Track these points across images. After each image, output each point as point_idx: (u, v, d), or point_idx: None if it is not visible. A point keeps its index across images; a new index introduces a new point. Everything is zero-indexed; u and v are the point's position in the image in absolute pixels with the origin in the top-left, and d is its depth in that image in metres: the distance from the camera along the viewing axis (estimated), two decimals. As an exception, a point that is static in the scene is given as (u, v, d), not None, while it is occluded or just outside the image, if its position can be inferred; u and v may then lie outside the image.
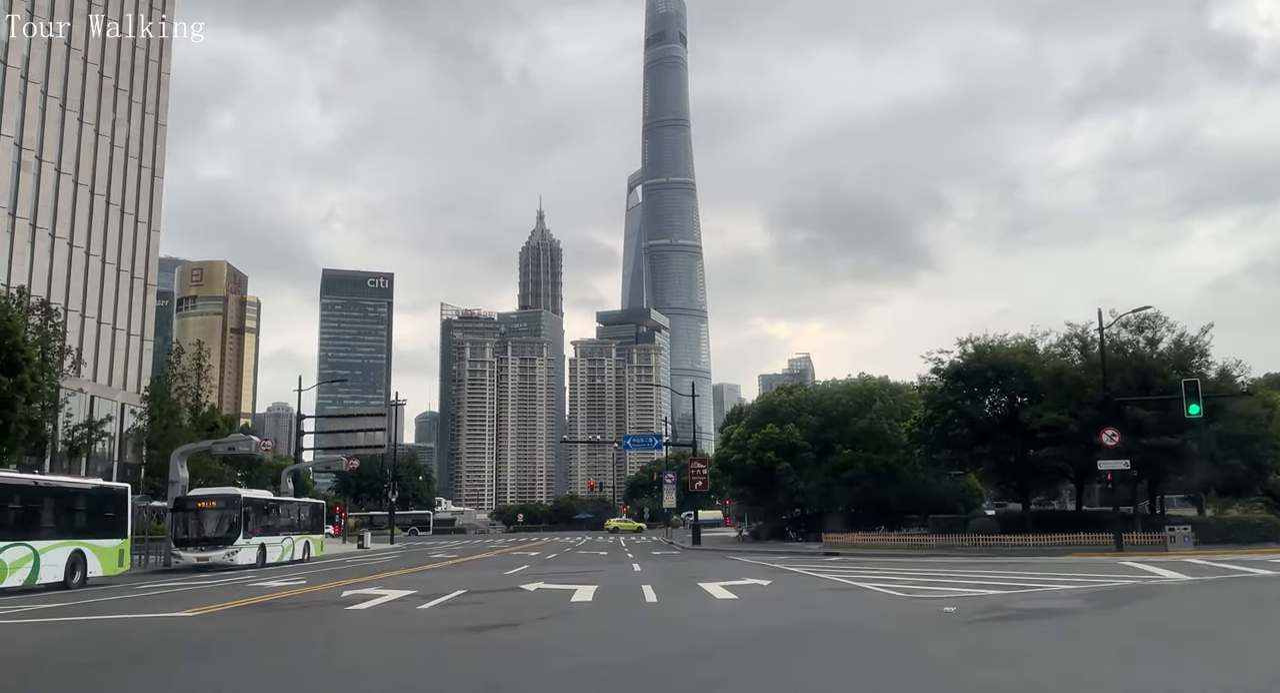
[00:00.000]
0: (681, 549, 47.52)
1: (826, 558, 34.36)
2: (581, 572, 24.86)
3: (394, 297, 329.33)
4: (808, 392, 59.64)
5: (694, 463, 53.35)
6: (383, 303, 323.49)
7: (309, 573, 28.47)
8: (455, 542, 70.66)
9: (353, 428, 49.98)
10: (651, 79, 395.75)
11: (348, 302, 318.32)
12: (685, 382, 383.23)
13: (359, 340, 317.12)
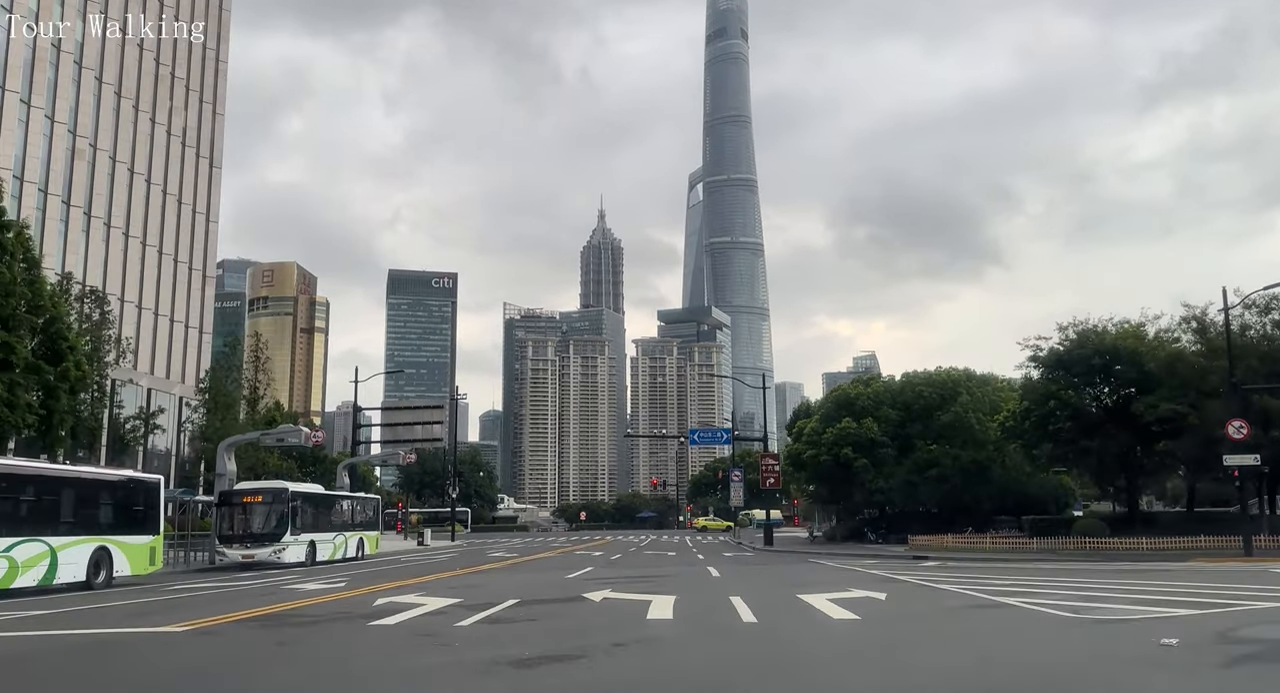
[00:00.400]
0: (754, 551, 44.21)
1: (920, 563, 30.78)
2: (652, 576, 21.80)
3: (458, 296, 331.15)
4: (886, 384, 55.78)
5: (765, 459, 49.97)
6: (447, 302, 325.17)
7: (355, 574, 25.91)
8: (517, 540, 68.28)
9: (410, 421, 47.74)
10: (712, 75, 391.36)
11: (413, 301, 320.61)
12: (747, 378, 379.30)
13: (424, 340, 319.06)
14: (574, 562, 32.07)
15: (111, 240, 52.00)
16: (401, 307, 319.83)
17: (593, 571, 25.09)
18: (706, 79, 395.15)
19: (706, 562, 31.84)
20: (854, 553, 39.32)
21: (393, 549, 48.26)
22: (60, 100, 47.48)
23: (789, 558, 35.54)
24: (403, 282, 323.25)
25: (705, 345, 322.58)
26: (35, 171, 45.68)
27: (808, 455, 53.36)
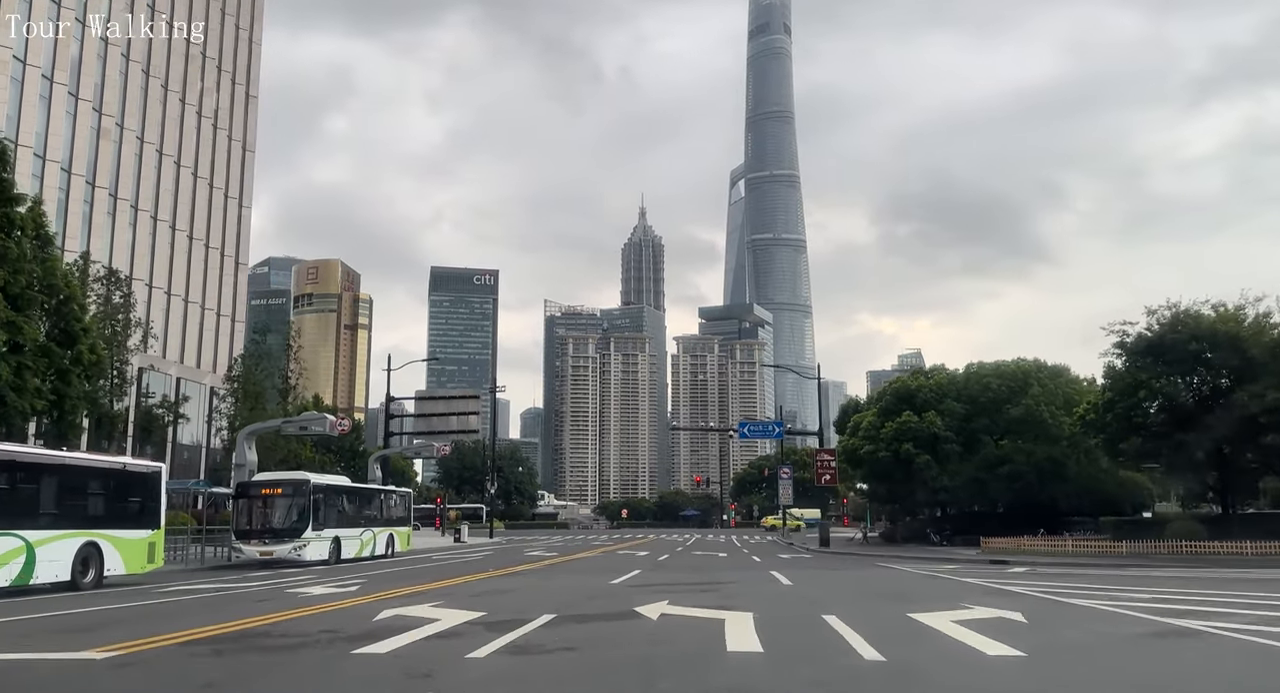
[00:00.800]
0: (811, 553, 40.86)
1: (1006, 569, 27.28)
2: (712, 583, 18.64)
3: (499, 293, 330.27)
4: (950, 376, 52.04)
5: (820, 455, 46.55)
6: (488, 299, 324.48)
7: (377, 575, 23.09)
8: (556, 538, 65.47)
9: (445, 411, 45.02)
10: (755, 71, 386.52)
11: (455, 298, 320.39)
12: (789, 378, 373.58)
13: (466, 336, 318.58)
14: (618, 563, 29.03)
15: (139, 224, 49.97)
16: (443, 303, 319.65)
17: (640, 574, 22.01)
18: (749, 75, 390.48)
19: (765, 565, 28.64)
20: (922, 556, 35.84)
21: (426, 547, 45.61)
22: (85, 76, 45.44)
23: (855, 562, 32.18)
24: (445, 278, 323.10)
25: (747, 343, 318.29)
26: (58, 150, 43.63)
27: (865, 451, 49.87)
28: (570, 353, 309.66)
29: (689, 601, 13.96)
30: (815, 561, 33.01)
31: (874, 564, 29.20)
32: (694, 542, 55.76)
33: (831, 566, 28.30)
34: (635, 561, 30.91)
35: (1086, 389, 49.23)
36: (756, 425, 48.56)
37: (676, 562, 30.37)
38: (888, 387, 53.17)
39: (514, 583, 19.05)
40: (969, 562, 31.84)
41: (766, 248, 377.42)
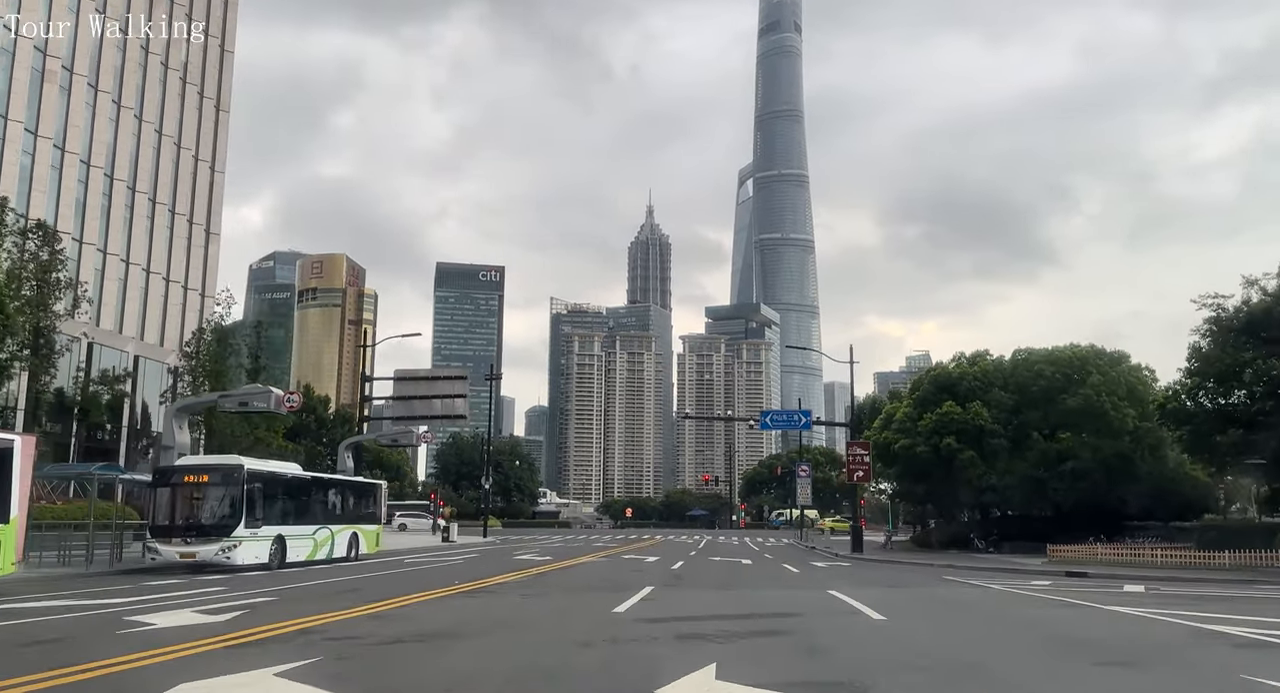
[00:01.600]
0: (850, 560, 34.91)
1: (1114, 585, 21.34)
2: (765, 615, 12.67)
3: (505, 290, 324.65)
4: (995, 363, 45.98)
5: (853, 449, 40.57)
6: (494, 296, 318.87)
7: (289, 592, 17.24)
8: (556, 538, 59.55)
9: (427, 394, 39.16)
10: (764, 70, 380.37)
11: (460, 294, 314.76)
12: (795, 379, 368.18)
13: (471, 332, 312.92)
14: (622, 574, 23.10)
15: (91, 182, 44.14)
16: (449, 299, 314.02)
17: (654, 594, 16.11)
18: (758, 73, 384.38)
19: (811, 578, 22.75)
20: (981, 566, 29.88)
21: (405, 547, 39.77)
22: (24, 11, 39.68)
23: (917, 574, 26.16)
24: (450, 274, 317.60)
25: (753, 343, 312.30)
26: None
27: (900, 446, 43.86)
28: (576, 351, 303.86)
29: (750, 660, 8.07)
30: (864, 571, 27.07)
31: (943, 579, 23.22)
32: (706, 545, 49.86)
33: (898, 581, 22.30)
34: (644, 570, 25.01)
35: (1149, 378, 43.32)
36: (780, 415, 42.57)
37: (696, 572, 24.45)
38: (925, 374, 47.15)
39: (472, 612, 13.13)
40: (1047, 574, 25.90)
41: (774, 248, 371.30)
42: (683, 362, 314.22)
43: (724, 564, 28.86)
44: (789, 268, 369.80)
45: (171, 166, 50.35)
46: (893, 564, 31.69)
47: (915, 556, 38.25)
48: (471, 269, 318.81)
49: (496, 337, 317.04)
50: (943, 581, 22.45)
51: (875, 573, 26.18)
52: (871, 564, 31.71)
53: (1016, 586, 20.63)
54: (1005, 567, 29.24)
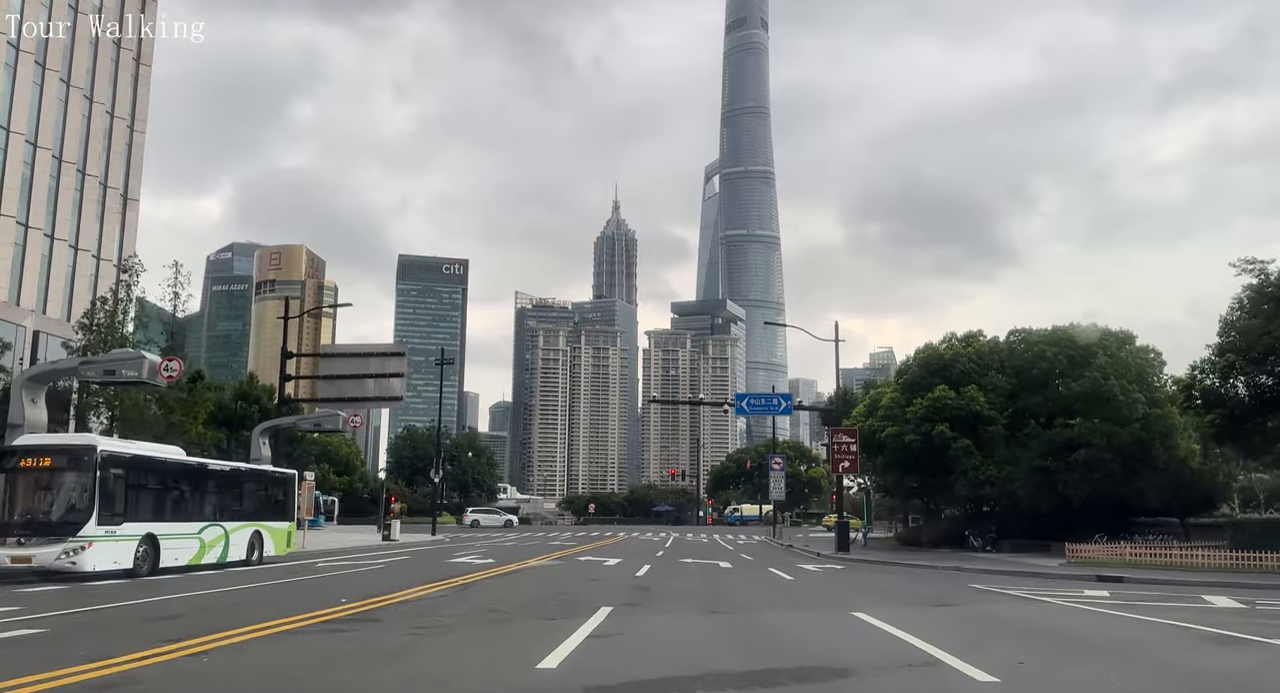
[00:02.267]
0: (839, 560, 30.37)
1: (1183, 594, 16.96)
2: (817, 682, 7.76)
3: (469, 284, 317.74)
4: (991, 344, 41.82)
5: (838, 437, 36.07)
6: (457, 289, 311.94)
7: (93, 618, 12.24)
8: (510, 536, 54.55)
9: (359, 372, 34.01)
10: (731, 65, 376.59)
11: (423, 288, 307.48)
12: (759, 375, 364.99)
13: (434, 326, 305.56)
14: (573, 585, 18.29)
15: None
16: (411, 292, 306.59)
17: (609, 621, 11.29)
18: (725, 69, 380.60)
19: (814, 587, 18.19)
20: (996, 568, 25.49)
21: (337, 547, 34.71)
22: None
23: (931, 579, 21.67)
24: (413, 267, 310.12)
25: (719, 339, 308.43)
26: None
27: (886, 434, 39.52)
28: (541, 345, 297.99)
29: None
30: (870, 577, 22.51)
31: (971, 587, 18.67)
32: (673, 543, 45.22)
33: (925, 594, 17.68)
34: (602, 578, 20.25)
35: (1156, 361, 39.37)
36: (758, 399, 37.77)
37: (667, 581, 19.72)
38: (914, 356, 42.82)
39: (300, 670, 8.29)
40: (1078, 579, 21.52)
41: (740, 244, 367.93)
42: (648, 357, 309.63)
43: (699, 568, 24.17)
44: (754, 264, 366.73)
45: (81, 121, 44.60)
46: (894, 567, 27.23)
47: (908, 555, 33.85)
48: (434, 262, 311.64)
49: (460, 331, 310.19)
50: (972, 590, 17.94)
51: (885, 580, 21.63)
52: (870, 568, 27.20)
53: (1069, 597, 16.16)
54: (1022, 569, 24.86)
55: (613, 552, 33.26)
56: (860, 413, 43.92)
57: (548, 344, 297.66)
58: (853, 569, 26.01)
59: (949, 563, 27.72)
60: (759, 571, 23.88)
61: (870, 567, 27.50)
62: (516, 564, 24.26)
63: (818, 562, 28.80)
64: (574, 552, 32.78)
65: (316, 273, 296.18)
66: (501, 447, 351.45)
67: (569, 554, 30.72)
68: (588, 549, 35.27)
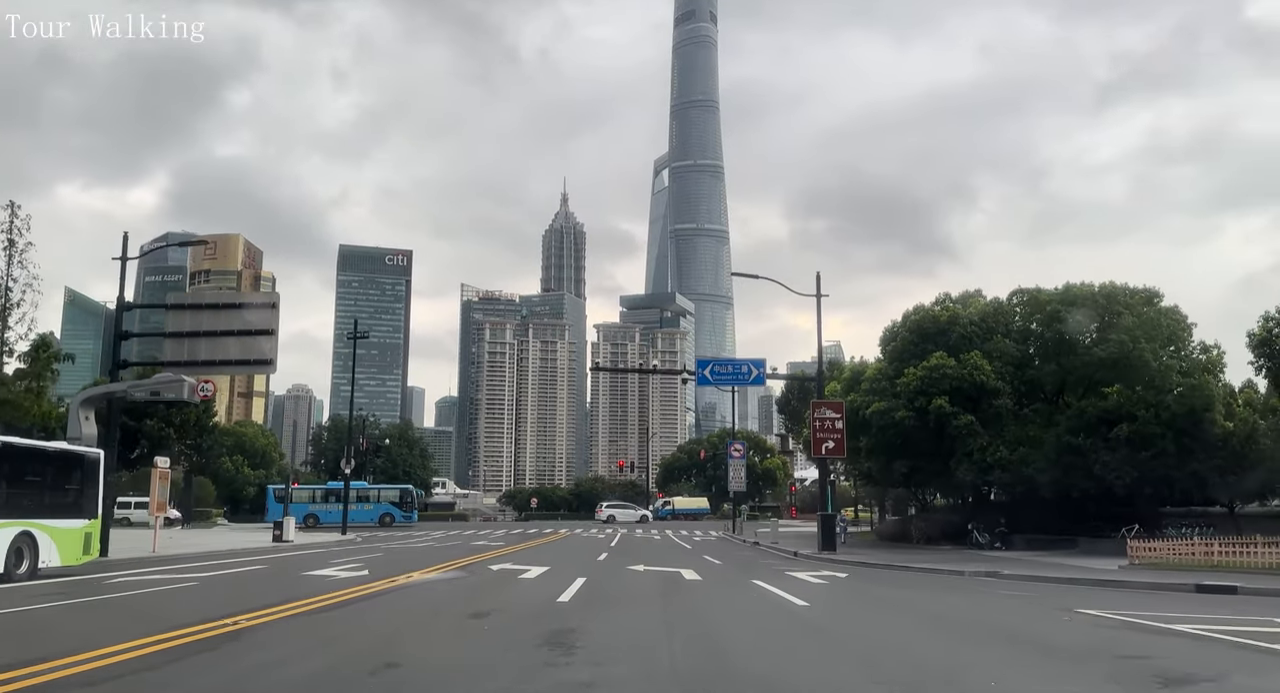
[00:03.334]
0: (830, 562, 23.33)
1: None
2: None
3: (412, 274, 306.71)
4: (994, 305, 35.25)
5: (821, 410, 29.13)
6: (401, 281, 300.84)
7: None
8: (435, 535, 46.80)
9: (218, 329, 26.16)
10: (680, 59, 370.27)
11: (365, 279, 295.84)
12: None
13: (376, 319, 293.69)
14: (437, 628, 10.90)
15: None
16: (353, 284, 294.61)
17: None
18: (674, 62, 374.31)
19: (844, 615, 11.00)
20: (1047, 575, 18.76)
21: (191, 552, 26.84)
22: None
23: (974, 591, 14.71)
24: (354, 258, 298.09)
25: (669, 332, 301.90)
26: None
27: (873, 410, 32.71)
28: (487, 338, 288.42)
29: None
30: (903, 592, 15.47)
31: (1077, 611, 11.70)
32: (620, 541, 38.06)
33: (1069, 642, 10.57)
34: (504, 606, 12.88)
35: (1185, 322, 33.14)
36: (724, 366, 30.31)
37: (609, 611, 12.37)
38: (903, 321, 36.12)
39: None
40: (1174, 589, 14.83)
41: (689, 238, 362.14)
42: (597, 350, 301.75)
43: (656, 582, 16.92)
44: (703, 258, 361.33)
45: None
46: (910, 574, 20.30)
47: (906, 555, 27.04)
48: (377, 252, 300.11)
49: (404, 323, 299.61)
50: (1091, 619, 10.92)
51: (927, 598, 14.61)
52: (883, 575, 20.19)
53: (1245, 625, 9.27)
54: (1080, 576, 18.16)
55: (543, 555, 25.91)
56: (838, 390, 37.08)
57: (494, 337, 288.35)
58: (863, 578, 19.04)
59: (974, 566, 20.92)
60: (740, 584, 16.76)
61: (879, 573, 20.55)
62: (390, 581, 16.75)
63: (807, 567, 21.76)
64: (494, 555, 25.34)
65: (253, 263, 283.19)
66: (447, 442, 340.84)
67: (485, 560, 23.29)
68: (514, 552, 27.85)
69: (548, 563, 21.13)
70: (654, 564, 21.62)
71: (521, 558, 23.88)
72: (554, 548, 31.80)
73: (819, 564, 23.26)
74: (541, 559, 23.28)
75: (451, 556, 25.30)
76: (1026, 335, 34.06)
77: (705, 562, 23.92)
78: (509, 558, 23.88)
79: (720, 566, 22.58)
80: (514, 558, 23.84)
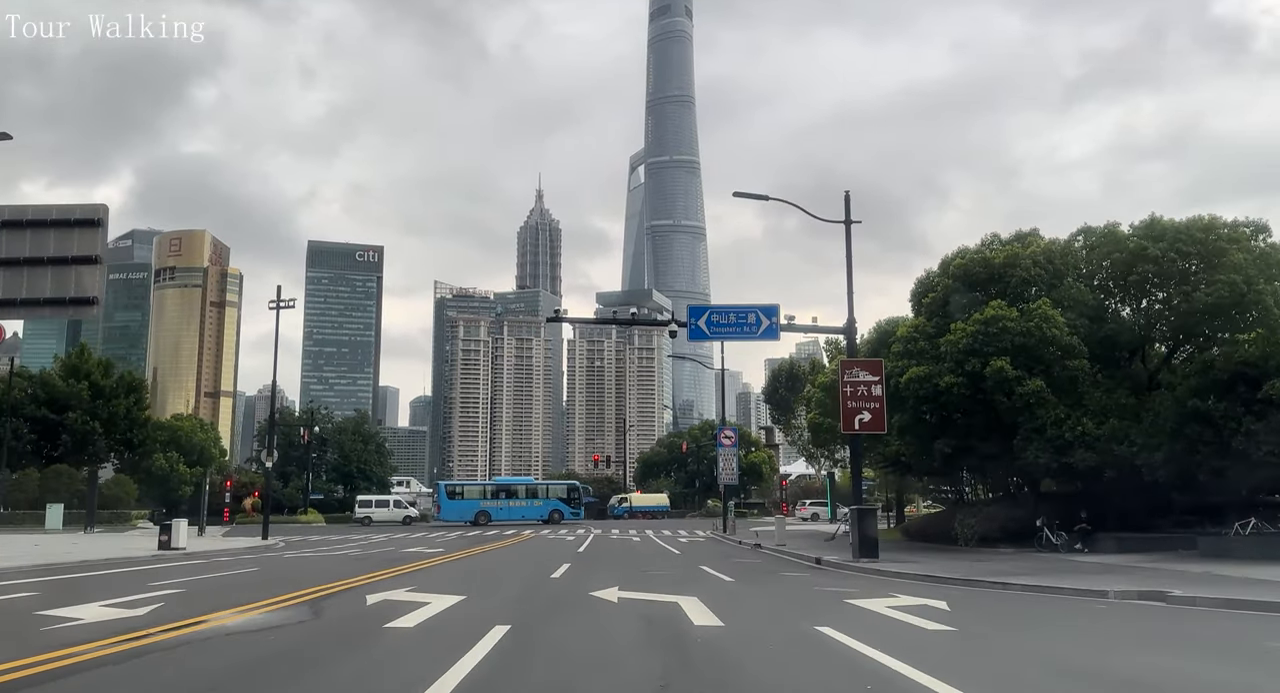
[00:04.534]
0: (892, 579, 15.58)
1: None
2: None
3: (384, 271, 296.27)
4: (1059, 245, 27.75)
5: (853, 371, 21.52)
6: (372, 277, 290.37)
7: None
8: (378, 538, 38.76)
9: (22, 255, 18.17)
10: (656, 53, 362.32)
11: (335, 275, 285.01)
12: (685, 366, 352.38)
13: (346, 316, 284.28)
14: None
15: None
16: (322, 280, 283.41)
17: None
18: (650, 57, 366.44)
19: None
20: (1249, 594, 11.08)
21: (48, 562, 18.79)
22: None
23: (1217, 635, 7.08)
24: (324, 254, 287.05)
25: (646, 329, 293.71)
26: None
27: (908, 378, 25.15)
28: (461, 336, 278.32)
29: None
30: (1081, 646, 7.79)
31: None
32: (591, 545, 30.37)
33: None
34: None
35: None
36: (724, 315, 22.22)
37: None
38: (941, 270, 28.60)
39: None
40: None
41: (666, 234, 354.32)
42: (573, 348, 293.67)
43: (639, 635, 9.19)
44: (680, 255, 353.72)
45: None
46: (1031, 596, 12.69)
47: (970, 563, 19.50)
48: (347, 248, 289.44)
49: (375, 321, 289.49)
50: None
51: (1129, 659, 6.88)
52: (984, 598, 12.56)
53: None
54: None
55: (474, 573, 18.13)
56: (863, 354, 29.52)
57: (468, 335, 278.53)
58: (982, 613, 11.43)
59: (1101, 582, 13.40)
60: (796, 638, 8.95)
61: (983, 598, 12.91)
62: (211, 618, 8.94)
63: (864, 587, 14.03)
64: (402, 572, 17.47)
65: (220, 260, 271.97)
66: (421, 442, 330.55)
67: (380, 581, 15.44)
68: (439, 565, 20.00)
69: (465, 590, 13.28)
70: (635, 588, 13.85)
71: (435, 580, 16.01)
72: (499, 557, 24.00)
73: (876, 582, 15.59)
74: (463, 581, 15.44)
75: (342, 574, 17.35)
76: (1104, 279, 26.73)
77: (710, 580, 16.23)
78: (419, 579, 16.01)
79: (735, 587, 14.90)
80: (425, 580, 15.98)
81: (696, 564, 20.40)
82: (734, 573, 17.79)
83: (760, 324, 22.28)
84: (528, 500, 57.94)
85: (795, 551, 25.74)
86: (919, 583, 15.18)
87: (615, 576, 16.53)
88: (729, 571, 18.45)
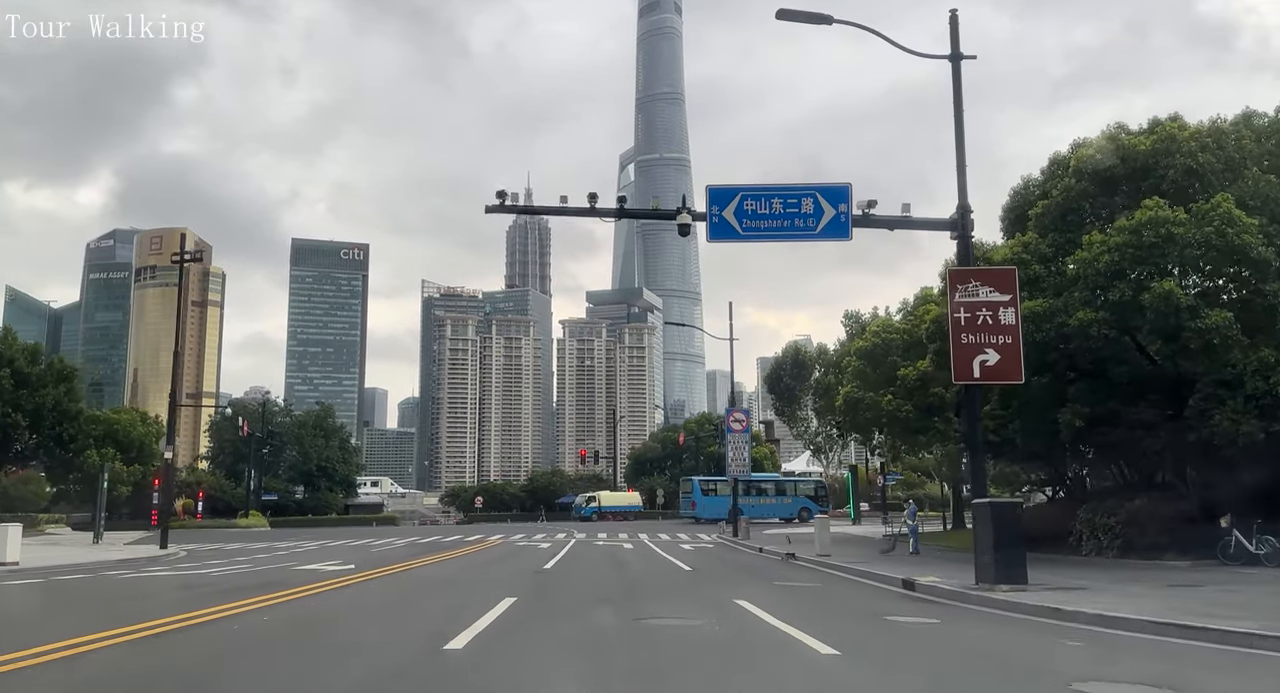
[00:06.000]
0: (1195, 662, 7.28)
1: None
2: None
3: (370, 270, 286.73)
4: (1223, 128, 19.58)
5: (965, 287, 13.41)
6: (357, 276, 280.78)
7: None
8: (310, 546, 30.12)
9: None
10: (645, 51, 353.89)
11: (319, 274, 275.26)
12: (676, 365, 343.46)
13: (331, 316, 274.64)
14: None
15: None
16: (306, 279, 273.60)
17: None
18: (639, 54, 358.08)
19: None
20: None
21: None
22: None
23: None
24: (308, 252, 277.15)
25: (636, 327, 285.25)
26: None
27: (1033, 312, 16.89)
28: (449, 335, 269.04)
29: None
30: None
31: None
32: (568, 555, 22.05)
33: None
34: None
35: None
36: (763, 203, 14.62)
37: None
38: (1056, 168, 20.37)
39: None
40: None
41: (656, 233, 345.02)
42: (563, 347, 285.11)
43: None
44: (670, 254, 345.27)
45: None
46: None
47: (1163, 589, 11.27)
48: (332, 246, 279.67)
49: (360, 320, 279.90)
50: None
51: None
52: None
53: None
54: None
55: (382, 613, 9.84)
56: (937, 294, 21.28)
57: (456, 334, 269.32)
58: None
59: None
60: None
61: None
62: None
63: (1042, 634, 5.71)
64: (312, 591, 9.21)
65: (202, 258, 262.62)
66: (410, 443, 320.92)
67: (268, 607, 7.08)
68: (354, 583, 11.69)
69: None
70: (630, 680, 5.46)
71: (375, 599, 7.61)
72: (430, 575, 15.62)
73: (1076, 634, 7.17)
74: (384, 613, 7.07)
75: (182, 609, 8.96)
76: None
77: (784, 651, 7.90)
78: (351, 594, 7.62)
79: (849, 674, 6.54)
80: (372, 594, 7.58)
81: (728, 596, 12.09)
82: (805, 620, 9.40)
83: (821, 215, 13.81)
84: (777, 498, 56.90)
85: (855, 565, 17.51)
86: (1149, 640, 6.82)
87: (585, 653, 8.17)
88: (795, 614, 10.07)
